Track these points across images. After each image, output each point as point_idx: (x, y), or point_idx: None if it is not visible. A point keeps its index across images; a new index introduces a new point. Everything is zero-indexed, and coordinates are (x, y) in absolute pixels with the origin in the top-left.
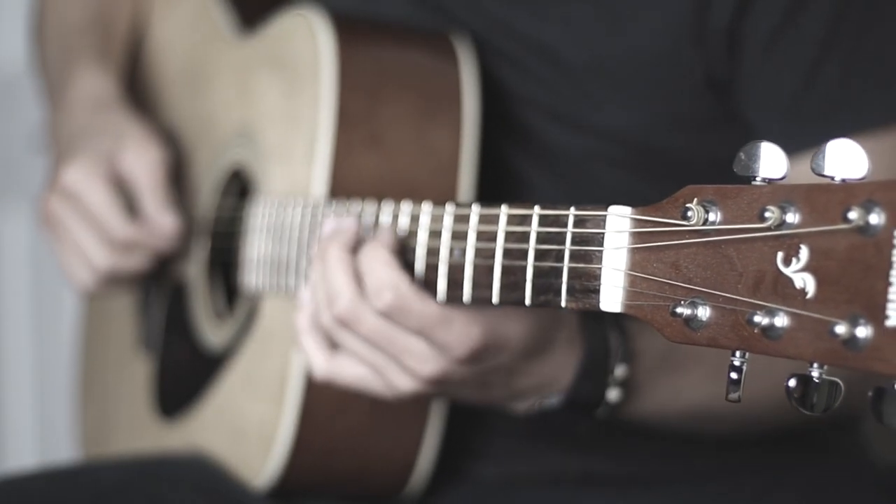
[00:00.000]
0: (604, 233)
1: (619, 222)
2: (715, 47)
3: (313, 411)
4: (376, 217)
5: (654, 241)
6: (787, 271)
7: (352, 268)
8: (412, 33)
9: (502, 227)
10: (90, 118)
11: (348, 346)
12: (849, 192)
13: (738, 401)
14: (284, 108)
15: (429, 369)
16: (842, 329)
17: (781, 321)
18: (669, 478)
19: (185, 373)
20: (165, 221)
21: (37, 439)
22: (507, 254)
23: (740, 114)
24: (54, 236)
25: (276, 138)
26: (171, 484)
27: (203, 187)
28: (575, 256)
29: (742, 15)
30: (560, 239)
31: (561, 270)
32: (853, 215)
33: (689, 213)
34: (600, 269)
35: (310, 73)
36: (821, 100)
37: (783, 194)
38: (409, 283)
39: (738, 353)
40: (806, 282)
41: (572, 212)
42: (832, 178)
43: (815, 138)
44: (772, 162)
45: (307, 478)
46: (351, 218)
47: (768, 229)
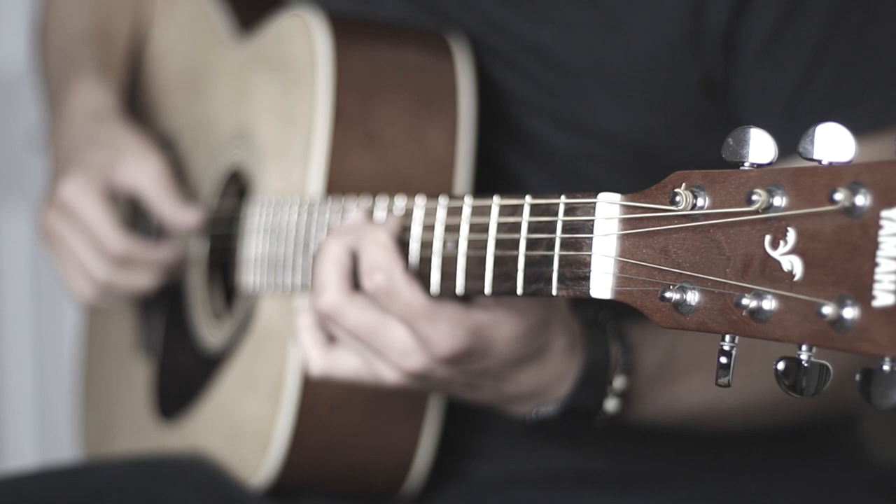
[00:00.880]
0: (593, 220)
1: (608, 209)
2: (711, 49)
3: (310, 410)
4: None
5: (643, 227)
6: (774, 254)
7: (341, 263)
8: (408, 33)
9: (494, 218)
10: (87, 131)
11: (339, 336)
12: (835, 174)
13: (727, 385)
14: (281, 108)
15: (410, 363)
16: (829, 310)
17: (769, 304)
18: (668, 477)
19: (184, 374)
20: (186, 217)
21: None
22: (500, 244)
23: (736, 116)
24: (53, 251)
25: (273, 138)
26: (171, 483)
27: (202, 189)
28: (565, 244)
29: (738, 17)
30: (551, 228)
31: (552, 259)
32: (839, 197)
33: (678, 199)
34: (590, 256)
35: (306, 72)
36: (817, 102)
37: (770, 178)
38: (402, 269)
39: (727, 338)
40: (793, 264)
41: (562, 200)
42: (819, 162)
43: None
44: (760, 147)
45: (304, 476)
46: (359, 213)
47: (755, 213)
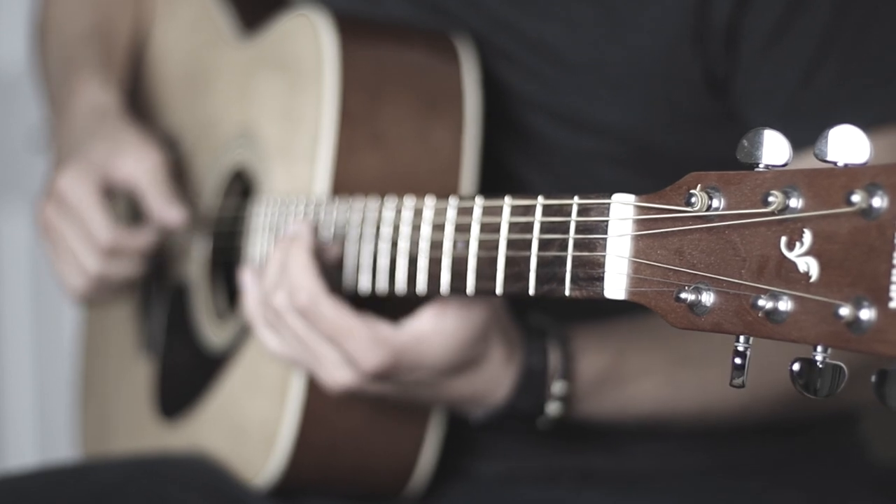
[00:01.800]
0: (607, 220)
1: (622, 210)
2: (714, 46)
3: (315, 410)
4: (379, 212)
5: (658, 228)
6: (790, 255)
7: (276, 271)
8: (413, 33)
9: (506, 218)
10: (89, 127)
11: (285, 341)
12: (851, 175)
13: (742, 386)
14: (287, 108)
15: (340, 378)
16: (846, 311)
17: (785, 305)
18: (670, 475)
19: (186, 373)
20: (172, 213)
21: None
22: (511, 244)
23: (738, 112)
24: (49, 243)
25: (279, 138)
26: (173, 483)
27: (205, 188)
28: (579, 245)
29: (741, 12)
30: (563, 228)
31: (565, 259)
32: (856, 198)
33: (693, 200)
34: (604, 256)
35: (312, 72)
36: (819, 98)
37: (786, 179)
38: (324, 290)
39: (741, 339)
40: (809, 265)
41: (576, 201)
42: (835, 164)
43: (813, 136)
44: (774, 148)
45: (308, 476)
46: (298, 224)
47: (772, 214)
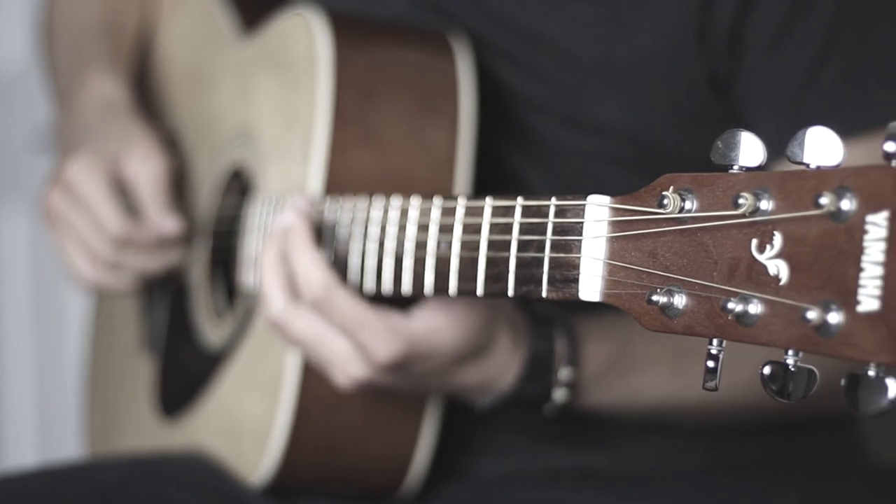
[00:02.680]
0: (583, 222)
1: (597, 211)
2: (717, 46)
3: (309, 408)
4: (367, 212)
5: (632, 230)
6: (761, 258)
7: (280, 274)
8: (409, 32)
9: (486, 219)
10: (99, 121)
11: (291, 340)
12: (821, 178)
13: (714, 389)
14: (282, 107)
15: (353, 371)
16: (813, 315)
17: (755, 308)
18: (669, 475)
19: (186, 372)
20: (166, 223)
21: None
22: (492, 245)
23: (741, 113)
24: (55, 230)
25: (274, 137)
26: (171, 482)
27: (204, 188)
28: (556, 246)
29: (745, 12)
30: (541, 229)
31: (542, 260)
32: (824, 201)
33: (665, 202)
34: (579, 258)
35: (307, 71)
36: (822, 98)
37: (757, 181)
38: (339, 281)
39: (714, 342)
40: (779, 268)
41: (553, 202)
42: (807, 165)
43: None
44: (749, 150)
45: (303, 475)
46: (289, 214)
47: (742, 216)
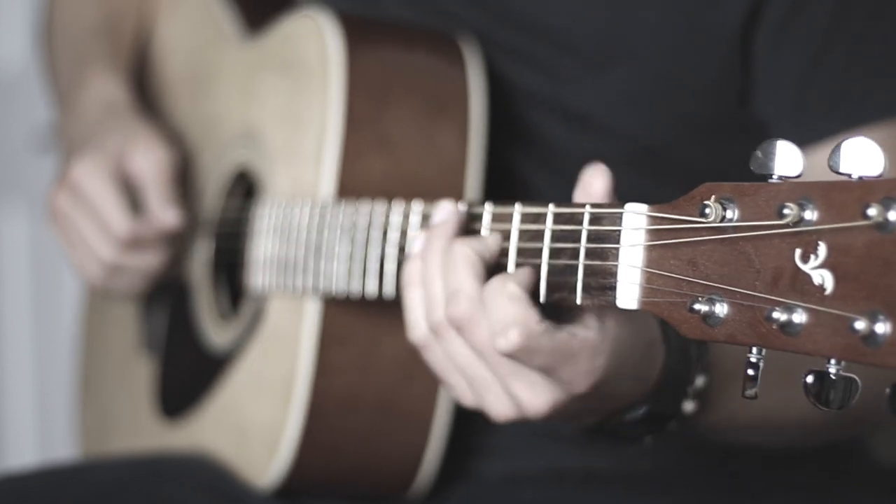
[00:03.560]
0: (620, 230)
1: (635, 219)
2: (725, 50)
3: (319, 411)
4: (386, 216)
5: (671, 239)
6: (805, 268)
7: (480, 272)
8: (419, 35)
9: (516, 226)
10: (102, 121)
11: (453, 352)
12: (867, 189)
13: (754, 397)
14: (291, 110)
15: (539, 403)
16: (861, 325)
17: (800, 317)
18: (673, 476)
19: (188, 374)
20: (168, 216)
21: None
22: (521, 252)
23: (752, 111)
24: (62, 231)
25: (283, 139)
26: (173, 482)
27: (207, 189)
28: (591, 254)
29: (754, 12)
30: (575, 237)
31: (576, 268)
32: (872, 212)
33: (707, 211)
34: (617, 266)
35: (318, 74)
36: (826, 89)
37: (801, 191)
38: (539, 320)
39: (755, 350)
40: (824, 278)
41: (588, 209)
42: (849, 176)
43: (826, 128)
44: (788, 160)
45: (312, 478)
46: (452, 206)
47: (786, 226)
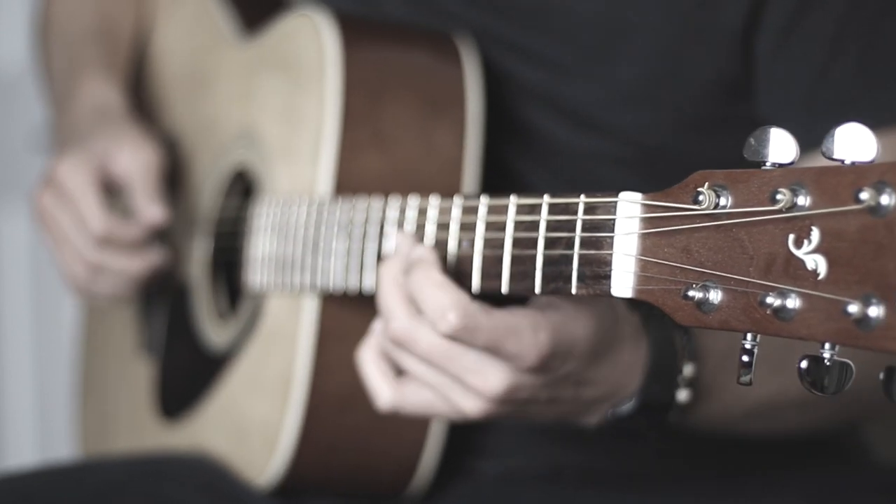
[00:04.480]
0: (614, 219)
1: (629, 208)
2: (725, 48)
3: (317, 410)
4: (383, 212)
5: (665, 227)
6: (798, 253)
7: (403, 287)
8: (416, 34)
9: (511, 217)
10: (92, 123)
11: (409, 368)
12: (859, 173)
13: (749, 384)
14: (288, 108)
15: (493, 385)
16: (854, 308)
17: (793, 302)
18: (672, 475)
19: (187, 374)
20: (152, 212)
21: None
22: (517, 243)
23: (753, 112)
24: (48, 231)
25: (281, 138)
26: (173, 482)
27: (205, 189)
28: (585, 243)
29: (755, 14)
30: (570, 226)
31: (571, 257)
32: (865, 196)
33: (701, 198)
34: (611, 254)
35: (314, 72)
36: (834, 95)
37: (794, 177)
38: (471, 299)
39: (749, 337)
40: (818, 263)
41: (582, 199)
42: (842, 162)
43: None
44: (781, 147)
45: (311, 476)
46: (406, 237)
47: (779, 212)
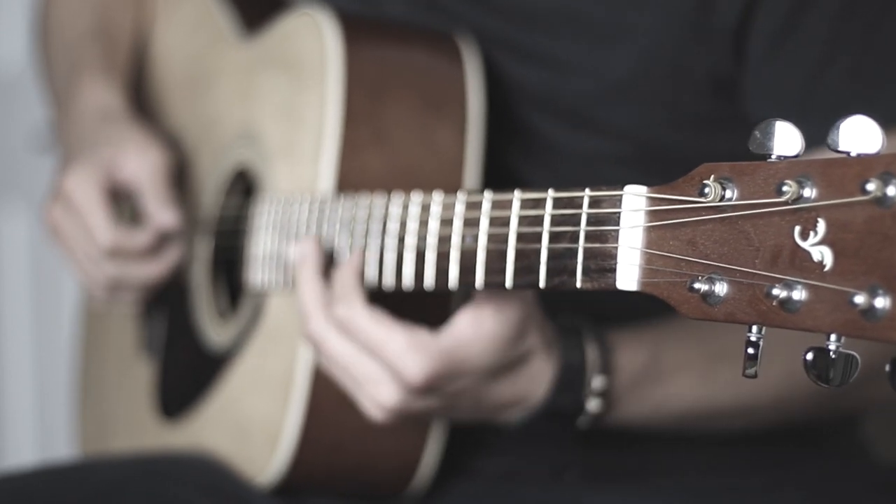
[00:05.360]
0: (620, 212)
1: (634, 201)
2: (721, 46)
3: (319, 408)
4: (386, 208)
5: (670, 219)
6: (804, 245)
7: (317, 291)
8: (417, 33)
9: (515, 212)
10: (95, 129)
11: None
12: (865, 165)
13: (754, 376)
14: (289, 107)
15: (385, 398)
16: (861, 299)
17: (799, 294)
18: (673, 472)
19: (187, 373)
20: (165, 217)
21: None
22: (521, 238)
23: (747, 113)
24: (61, 245)
25: (282, 137)
26: (173, 481)
27: (207, 188)
28: (590, 237)
29: (749, 14)
30: (575, 220)
31: (576, 251)
32: (871, 187)
33: (706, 190)
34: (616, 248)
35: (316, 71)
36: (828, 97)
37: (800, 169)
38: (363, 301)
39: (754, 329)
40: (824, 255)
41: (587, 193)
42: (847, 154)
43: (823, 135)
44: (786, 139)
45: (312, 475)
46: (312, 241)
47: (785, 203)
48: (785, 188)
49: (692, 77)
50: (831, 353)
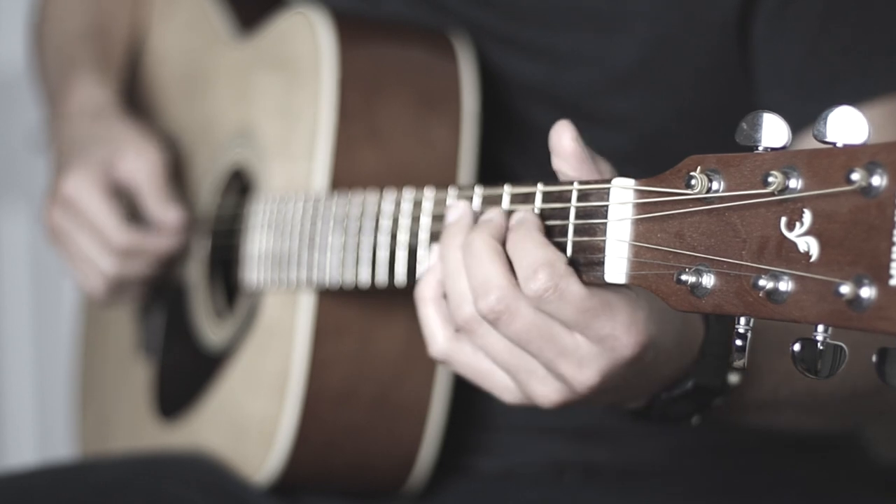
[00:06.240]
0: (607, 205)
1: (622, 194)
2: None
3: (314, 407)
4: (378, 205)
5: (658, 212)
6: (790, 235)
7: (503, 256)
8: (411, 31)
9: (505, 206)
10: (88, 128)
11: (489, 347)
12: (851, 154)
13: (743, 367)
14: (284, 106)
15: (587, 376)
16: (846, 289)
17: (786, 285)
18: (672, 472)
19: (185, 373)
20: (170, 216)
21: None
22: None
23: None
24: (62, 248)
25: (277, 135)
26: (174, 481)
27: (203, 188)
28: (579, 230)
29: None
30: (564, 214)
31: (565, 245)
32: (856, 177)
33: (693, 182)
34: (604, 241)
35: (310, 69)
36: (824, 71)
37: (786, 160)
38: (566, 262)
39: (742, 321)
40: (810, 245)
41: (575, 186)
42: (834, 144)
43: (819, 110)
44: (774, 131)
45: (308, 473)
46: (463, 208)
47: (771, 195)
48: (771, 179)
49: (694, 66)
50: (819, 344)
